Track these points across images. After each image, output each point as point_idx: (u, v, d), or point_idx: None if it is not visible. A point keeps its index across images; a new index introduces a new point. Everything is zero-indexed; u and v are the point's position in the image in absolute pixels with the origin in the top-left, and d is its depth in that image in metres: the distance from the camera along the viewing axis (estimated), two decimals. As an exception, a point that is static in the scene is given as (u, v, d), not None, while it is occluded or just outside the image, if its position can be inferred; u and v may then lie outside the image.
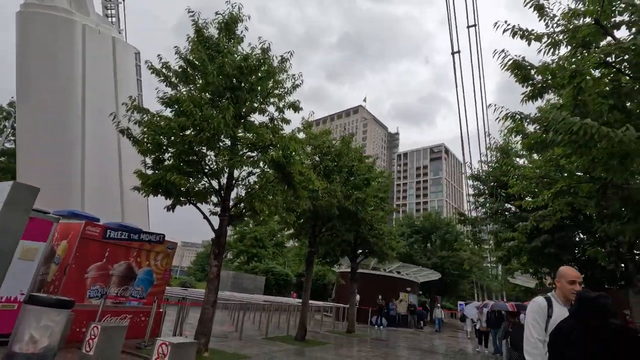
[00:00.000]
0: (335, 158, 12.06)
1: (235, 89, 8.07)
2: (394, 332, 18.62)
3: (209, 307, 7.82)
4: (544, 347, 2.88)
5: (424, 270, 25.11)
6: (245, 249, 36.35)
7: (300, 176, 9.08)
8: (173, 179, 7.02)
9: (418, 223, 34.91)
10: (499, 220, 12.14)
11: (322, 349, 10.32)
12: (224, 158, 7.64)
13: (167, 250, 9.92)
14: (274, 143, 7.92)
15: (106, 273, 8.26)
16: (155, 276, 9.50)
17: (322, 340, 12.38)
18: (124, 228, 8.80)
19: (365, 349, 11.23)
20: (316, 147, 12.12)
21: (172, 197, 8.05)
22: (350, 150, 12.63)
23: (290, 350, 9.57)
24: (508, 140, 13.03)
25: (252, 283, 25.54)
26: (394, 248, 16.98)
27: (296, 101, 9.01)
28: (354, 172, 12.30)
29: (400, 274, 24.15)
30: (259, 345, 9.73)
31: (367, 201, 11.70)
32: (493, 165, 13.59)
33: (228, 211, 8.56)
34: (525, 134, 6.73)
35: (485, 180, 13.37)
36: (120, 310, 8.39)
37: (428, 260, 30.10)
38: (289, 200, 9.15)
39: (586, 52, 4.91)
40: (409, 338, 16.48)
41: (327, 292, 32.33)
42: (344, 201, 11.23)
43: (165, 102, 7.66)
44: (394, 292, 22.78)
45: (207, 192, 8.61)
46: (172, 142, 7.57)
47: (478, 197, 14.02)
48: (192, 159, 7.98)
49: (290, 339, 11.43)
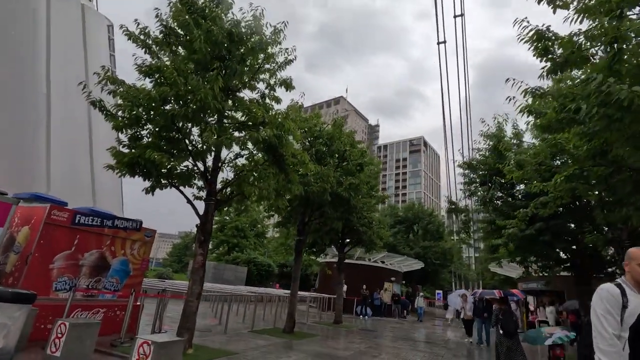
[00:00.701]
0: (327, 142, 11.45)
1: (224, 59, 7.27)
2: (379, 322, 18.44)
3: (193, 300, 7.12)
4: (622, 344, 2.39)
5: (409, 259, 25.11)
6: (226, 239, 35.29)
7: (293, 159, 8.44)
8: (153, 156, 6.21)
9: (401, 213, 34.97)
10: (492, 209, 11.94)
11: (312, 342, 9.83)
12: (211, 136, 6.87)
13: (144, 238, 9.08)
14: (266, 121, 7.21)
15: (75, 263, 7.38)
16: (131, 266, 8.67)
17: (310, 332, 11.90)
18: (96, 213, 7.91)
19: (355, 340, 10.83)
20: (307, 131, 11.46)
21: (151, 178, 7.23)
22: (343, 134, 12.04)
23: (279, 343, 9.01)
24: (502, 127, 12.80)
25: (233, 274, 24.76)
26: (382, 237, 16.66)
27: (288, 78, 8.30)
28: (346, 157, 11.73)
29: (385, 264, 24.02)
30: (246, 340, 9.12)
31: (359, 187, 11.18)
32: (485, 154, 13.36)
33: (214, 195, 7.82)
34: (539, 113, 6.33)
35: (476, 168, 13.13)
36: (92, 304, 7.55)
37: (411, 250, 30.22)
38: (281, 185, 8.49)
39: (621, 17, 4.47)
40: (396, 328, 16.30)
41: (309, 282, 31.98)
42: (336, 187, 10.67)
43: (144, 71, 6.76)
44: (379, 282, 22.62)
45: (191, 174, 7.83)
46: (152, 116, 6.73)
47: (469, 186, 13.80)
48: (175, 137, 7.17)
49: (278, 331, 10.88)
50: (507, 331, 7.16)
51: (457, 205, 14.09)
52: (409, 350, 9.89)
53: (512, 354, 7.03)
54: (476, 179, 13.60)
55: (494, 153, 12.48)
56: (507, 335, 7.16)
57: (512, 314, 7.71)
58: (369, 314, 20.50)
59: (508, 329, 7.16)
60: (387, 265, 24.14)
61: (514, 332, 7.15)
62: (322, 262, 24.74)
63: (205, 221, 7.55)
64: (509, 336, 7.15)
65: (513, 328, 7.16)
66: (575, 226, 10.48)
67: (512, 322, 7.27)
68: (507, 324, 7.20)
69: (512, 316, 7.45)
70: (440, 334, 15.49)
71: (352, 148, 11.87)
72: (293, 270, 11.68)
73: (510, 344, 7.12)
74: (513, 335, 7.14)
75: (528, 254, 11.79)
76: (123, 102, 6.44)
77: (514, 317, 7.47)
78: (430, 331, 16.60)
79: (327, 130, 11.92)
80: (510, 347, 7.06)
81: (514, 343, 7.12)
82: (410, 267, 26.59)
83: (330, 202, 10.82)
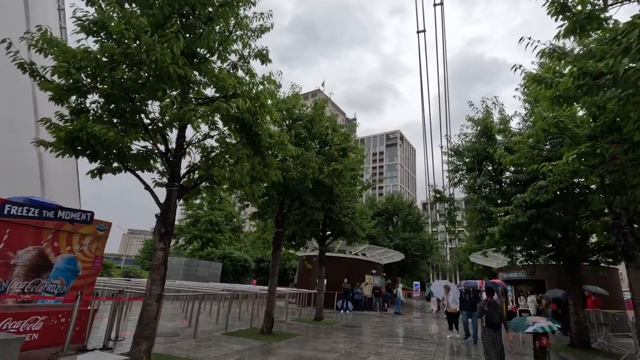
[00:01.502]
0: (307, 124, 10.46)
1: (186, 16, 6.12)
2: (361, 317, 17.79)
3: (153, 303, 6.01)
4: None
5: (390, 251, 24.64)
6: (199, 233, 33.57)
7: (270, 139, 7.44)
8: (98, 130, 5.04)
9: (380, 205, 34.56)
10: (481, 196, 11.39)
11: (293, 343, 8.93)
12: (170, 107, 5.74)
13: (97, 232, 7.84)
14: (238, 92, 6.14)
15: (5, 262, 6.11)
16: (80, 265, 7.43)
17: (290, 331, 10.99)
18: (34, 203, 6.61)
19: (339, 339, 10.03)
20: (285, 112, 10.43)
21: (99, 159, 6.03)
22: (324, 117, 11.08)
23: (255, 348, 8.05)
24: (490, 112, 12.23)
25: (207, 270, 23.39)
26: (364, 228, 15.94)
27: (264, 49, 7.25)
28: (328, 141, 10.80)
29: (366, 256, 23.43)
30: (218, 344, 8.10)
31: (343, 174, 10.29)
32: (472, 139, 12.80)
33: (178, 180, 6.69)
34: (549, 84, 5.62)
35: (463, 155, 12.54)
36: (28, 311, 6.29)
37: (391, 242, 29.86)
38: (257, 170, 7.47)
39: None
40: (379, 322, 15.68)
41: (287, 277, 31.06)
42: (318, 173, 9.74)
43: (85, 27, 5.51)
44: (360, 275, 22.01)
45: (149, 156, 6.67)
46: (96, 83, 5.51)
47: (454, 173, 13.22)
48: (127, 109, 5.97)
49: (255, 332, 9.91)
50: (492, 322, 7.05)
51: (443, 195, 13.51)
52: (399, 349, 9.18)
53: (497, 345, 6.95)
54: (462, 167, 13.05)
55: (483, 137, 11.92)
56: (491, 327, 7.06)
57: (498, 305, 7.47)
58: (350, 308, 19.86)
59: (493, 320, 7.04)
60: (368, 257, 23.56)
61: (498, 324, 7.05)
62: (301, 255, 23.86)
63: (167, 210, 6.43)
64: (494, 328, 7.05)
65: (498, 319, 7.04)
66: (567, 213, 10.05)
67: (498, 313, 7.11)
68: (492, 316, 7.08)
69: (497, 307, 7.26)
70: (425, 328, 14.99)
71: (335, 132, 10.94)
72: (271, 264, 10.71)
73: (495, 335, 7.02)
74: (498, 327, 7.05)
75: (517, 243, 11.33)
76: (58, 64, 5.19)
77: (499, 309, 7.27)
78: (414, 325, 16.11)
79: (307, 113, 10.94)
80: (495, 339, 6.99)
81: (498, 334, 7.02)
82: (392, 259, 26.18)
83: (311, 191, 9.89)
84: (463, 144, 13.02)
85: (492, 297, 7.66)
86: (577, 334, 10.97)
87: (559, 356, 9.79)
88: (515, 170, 11.04)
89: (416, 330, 13.69)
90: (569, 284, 11.37)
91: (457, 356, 8.79)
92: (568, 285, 11.38)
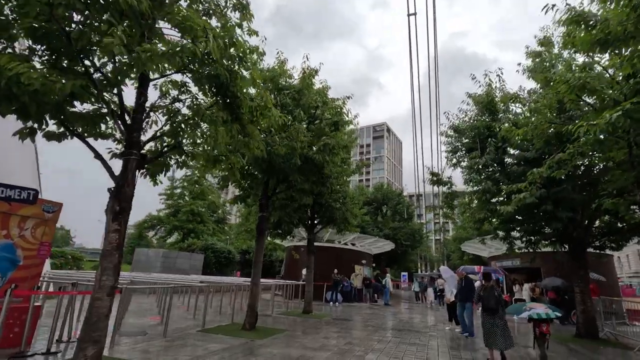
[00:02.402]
0: (295, 95, 9.29)
1: None
2: (351, 309, 16.91)
3: (103, 297, 4.82)
4: None
5: (380, 241, 23.81)
6: (180, 224, 31.92)
7: (251, 102, 6.29)
8: (20, 70, 3.79)
9: (369, 194, 33.70)
10: (486, 176, 10.50)
11: (279, 340, 7.88)
12: (115, 43, 4.47)
13: (43, 214, 6.54)
14: (209, 34, 4.92)
15: None
16: (21, 253, 6.14)
17: (275, 326, 9.94)
18: (-47, 175, 5.28)
19: (330, 335, 9.04)
20: (269, 81, 9.22)
21: (29, 117, 4.74)
22: (313, 89, 9.92)
23: (236, 347, 6.96)
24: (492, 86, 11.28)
25: (187, 262, 22.03)
26: (356, 215, 14.95)
27: (245, -2, 6.06)
28: (318, 115, 9.66)
29: (356, 246, 22.53)
30: (192, 344, 6.97)
31: (336, 150, 9.19)
32: (473, 118, 11.88)
33: (137, 148, 5.46)
34: (590, 24, 4.62)
35: (464, 133, 11.61)
36: (-57, 310, 5.00)
37: (380, 231, 29.09)
38: (237, 140, 6.31)
39: None
40: (372, 314, 14.80)
41: (274, 269, 29.98)
42: (307, 149, 8.61)
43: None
44: (349, 265, 21.10)
45: (98, 116, 5.40)
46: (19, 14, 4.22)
47: (453, 154, 12.31)
48: (63, 52, 4.68)
49: (237, 328, 8.81)
50: (489, 307, 6.71)
51: (440, 177, 12.58)
52: (398, 345, 8.24)
53: (497, 329, 6.55)
54: (461, 147, 12.13)
55: (486, 114, 11.00)
56: (488, 312, 6.73)
57: (495, 289, 7.01)
58: (340, 300, 18.96)
59: (489, 304, 6.71)
60: (358, 247, 22.66)
61: (495, 308, 6.68)
62: (288, 246, 22.79)
63: (123, 184, 5.21)
64: (491, 312, 6.70)
65: (494, 304, 6.69)
66: (579, 193, 9.25)
67: (494, 297, 6.77)
68: (488, 300, 6.76)
69: (493, 291, 6.91)
70: (421, 320, 14.18)
71: (326, 105, 9.79)
72: (254, 253, 9.59)
73: (494, 320, 6.64)
74: (495, 312, 6.68)
75: (520, 227, 10.52)
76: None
77: (495, 293, 6.90)
78: (408, 317, 15.30)
79: (294, 84, 9.74)
80: (495, 324, 6.62)
81: (498, 319, 6.63)
82: (382, 249, 25.39)
83: (299, 169, 8.76)
84: (462, 123, 12.10)
85: (489, 283, 7.24)
86: (584, 323, 10.28)
87: (569, 348, 9.05)
88: (521, 148, 10.16)
89: (412, 322, 12.83)
90: (575, 270, 10.64)
91: (463, 350, 7.91)
92: (569, 273, 10.65)
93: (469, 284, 10.54)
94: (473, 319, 10.56)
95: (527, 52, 10.71)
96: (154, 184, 6.55)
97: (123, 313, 7.68)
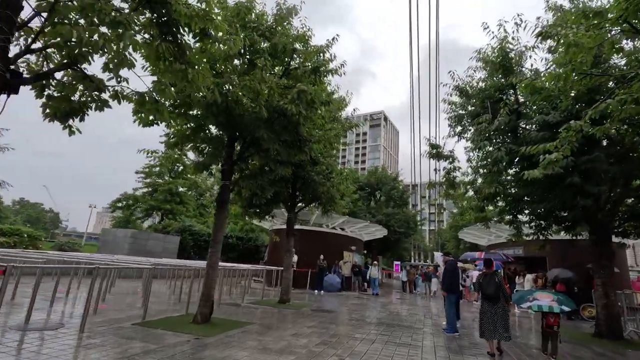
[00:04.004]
0: (266, 33, 7.38)
1: None
2: (337, 298, 15.33)
3: None
4: None
5: (371, 226, 22.14)
6: (157, 204, 29.71)
7: (187, 9, 4.48)
8: None
9: (363, 179, 31.96)
10: (497, 144, 8.76)
11: (234, 338, 6.18)
12: None
13: None
14: None
15: None
16: None
17: (242, 318, 8.25)
18: None
19: (303, 331, 7.37)
20: (235, 16, 7.28)
21: None
22: (290, 32, 7.97)
23: (168, 348, 5.24)
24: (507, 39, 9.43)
25: (160, 245, 20.15)
26: (344, 193, 13.19)
27: None
28: (295, 61, 7.77)
29: (345, 231, 20.88)
30: (112, 342, 5.23)
31: (314, 104, 7.33)
32: (482, 80, 10.09)
33: (6, 63, 3.59)
34: None
35: (472, 96, 9.82)
36: None
37: (373, 217, 27.44)
38: (168, 67, 4.50)
39: None
40: (358, 305, 13.22)
41: (259, 253, 28.33)
42: (279, 98, 6.76)
43: None
44: (338, 251, 19.46)
45: None
46: None
47: (458, 122, 10.55)
48: None
49: (187, 321, 7.10)
50: (488, 295, 6.24)
51: (440, 150, 10.83)
52: (385, 344, 6.59)
53: (498, 318, 6.07)
54: (466, 115, 10.35)
55: (499, 71, 9.19)
56: (488, 300, 6.25)
57: (495, 275, 6.42)
58: (338, 284, 17.41)
59: (488, 292, 6.25)
60: (348, 232, 21.01)
61: (496, 296, 6.18)
62: (272, 229, 21.10)
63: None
64: (491, 300, 6.22)
65: (494, 291, 6.20)
66: (613, 165, 7.54)
67: (494, 284, 6.24)
68: (487, 287, 6.28)
69: (494, 278, 6.36)
70: (413, 312, 12.61)
71: (305, 47, 7.86)
72: (213, 229, 7.82)
73: (494, 309, 6.14)
74: (496, 300, 6.19)
75: (536, 205, 8.83)
76: None
77: (496, 279, 6.33)
78: (399, 309, 13.74)
79: (267, 23, 7.78)
80: (497, 313, 6.12)
81: (499, 308, 6.14)
82: (373, 235, 23.77)
83: (267, 123, 6.93)
84: (469, 86, 10.30)
85: (488, 270, 6.58)
86: (606, 320, 8.72)
87: (593, 351, 7.47)
88: (541, 111, 8.38)
89: (402, 316, 11.23)
90: (597, 259, 9.02)
91: (467, 354, 6.27)
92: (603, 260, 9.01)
93: (451, 269, 8.79)
94: (457, 313, 8.91)
95: (547, 6, 8.91)
96: (69, 133, 4.66)
97: (33, 301, 5.90)
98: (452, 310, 8.43)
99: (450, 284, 8.67)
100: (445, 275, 8.86)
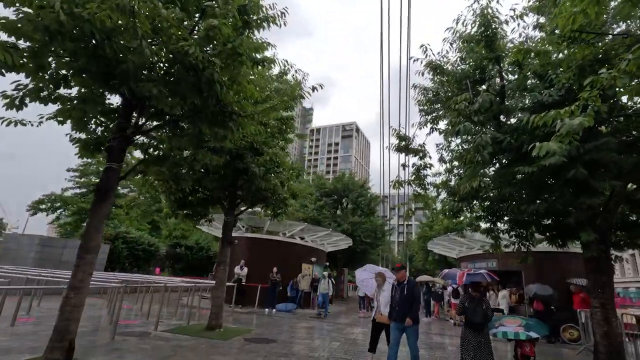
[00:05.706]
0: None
1: None
2: (288, 319, 12.99)
3: None
4: None
5: (334, 235, 20.05)
6: (89, 206, 25.45)
7: None
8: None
9: (329, 185, 30.01)
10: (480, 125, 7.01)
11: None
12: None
13: None
14: None
15: None
16: None
17: (129, 355, 5.79)
18: None
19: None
20: None
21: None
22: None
23: None
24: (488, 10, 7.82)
25: (80, 253, 16.89)
26: (296, 195, 11.07)
27: None
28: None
29: (305, 240, 18.67)
30: None
31: (241, 59, 5.18)
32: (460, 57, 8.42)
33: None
34: None
35: (450, 74, 8.08)
36: None
37: (338, 226, 25.44)
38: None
39: None
40: (309, 330, 10.99)
41: (212, 266, 25.44)
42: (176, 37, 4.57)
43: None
44: (296, 263, 17.18)
45: None
46: None
47: (431, 105, 8.81)
48: None
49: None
50: (475, 323, 5.52)
51: (408, 142, 9.01)
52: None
53: (483, 348, 5.42)
54: (442, 96, 8.62)
55: (482, 44, 7.50)
56: (474, 328, 5.54)
57: (483, 301, 5.71)
58: (283, 308, 15.00)
59: (475, 320, 5.52)
60: (308, 242, 18.82)
61: (482, 324, 5.51)
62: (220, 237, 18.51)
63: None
64: (477, 330, 5.51)
65: (481, 319, 5.49)
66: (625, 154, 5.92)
67: (482, 311, 5.53)
68: (474, 314, 5.55)
69: (482, 304, 5.63)
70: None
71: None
72: (85, 231, 5.43)
73: (479, 338, 5.50)
74: (482, 328, 5.52)
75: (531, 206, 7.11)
76: None
77: (483, 306, 5.60)
78: (354, 335, 11.64)
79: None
80: (481, 342, 5.48)
81: (483, 337, 5.50)
82: (337, 245, 21.70)
83: (164, 75, 4.71)
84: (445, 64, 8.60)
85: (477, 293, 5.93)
86: (607, 352, 7.00)
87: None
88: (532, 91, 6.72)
89: (359, 344, 9.11)
90: (595, 275, 7.38)
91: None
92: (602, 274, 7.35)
93: (411, 289, 5.84)
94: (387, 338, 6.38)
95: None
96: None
97: None
98: (413, 343, 6.06)
99: (407, 311, 5.73)
100: (403, 298, 5.82)
